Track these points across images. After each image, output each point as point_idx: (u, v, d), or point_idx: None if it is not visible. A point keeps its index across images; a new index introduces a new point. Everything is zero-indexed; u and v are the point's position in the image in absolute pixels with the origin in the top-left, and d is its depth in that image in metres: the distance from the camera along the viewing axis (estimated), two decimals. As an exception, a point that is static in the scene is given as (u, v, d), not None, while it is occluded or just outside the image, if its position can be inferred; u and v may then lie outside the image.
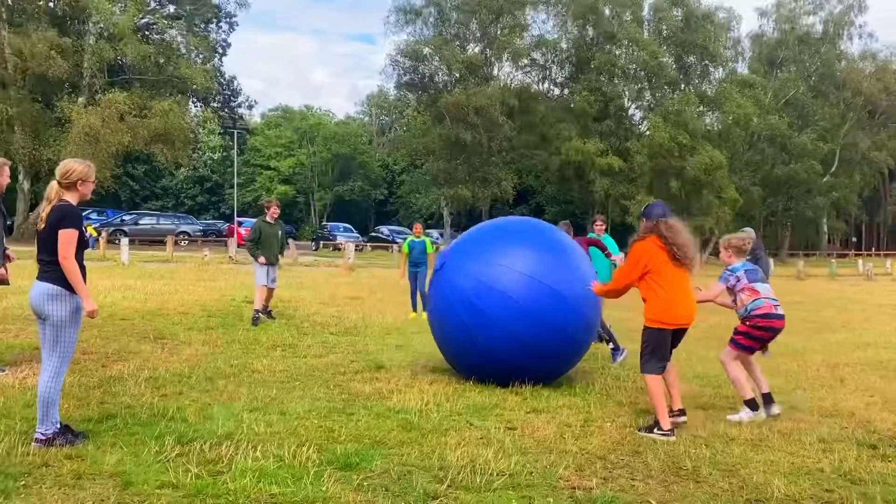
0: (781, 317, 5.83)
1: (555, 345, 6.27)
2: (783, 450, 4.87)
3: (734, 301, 5.94)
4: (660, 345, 5.32)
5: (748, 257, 9.22)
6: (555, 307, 6.17)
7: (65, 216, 4.39)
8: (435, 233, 46.41)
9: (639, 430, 5.20)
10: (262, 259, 10.05)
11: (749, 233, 9.35)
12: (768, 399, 5.81)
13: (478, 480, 4.07)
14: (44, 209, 4.50)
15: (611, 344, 8.17)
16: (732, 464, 4.55)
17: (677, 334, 5.46)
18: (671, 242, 5.26)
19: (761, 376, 5.98)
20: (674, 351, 5.57)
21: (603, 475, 4.28)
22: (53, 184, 4.48)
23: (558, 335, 6.24)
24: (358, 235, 45.07)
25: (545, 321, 6.13)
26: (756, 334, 5.83)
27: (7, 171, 6.35)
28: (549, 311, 6.14)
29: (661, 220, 5.37)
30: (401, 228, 50.86)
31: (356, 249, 30.28)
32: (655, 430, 5.12)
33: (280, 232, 10.44)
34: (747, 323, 5.81)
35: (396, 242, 38.31)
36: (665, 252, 5.28)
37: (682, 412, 5.54)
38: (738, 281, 5.91)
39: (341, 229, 45.66)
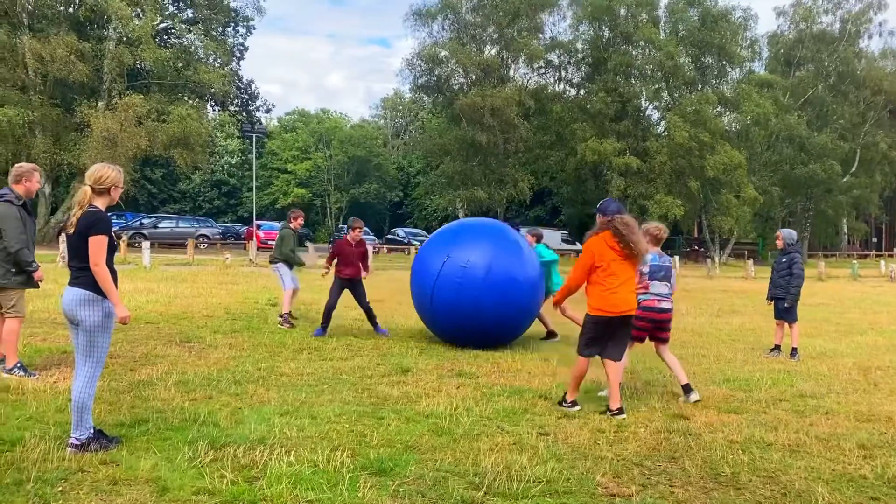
0: (663, 310, 6.38)
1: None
2: (823, 456, 4.78)
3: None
4: (599, 332, 5.66)
5: (784, 258, 9.12)
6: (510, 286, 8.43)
7: (95, 222, 4.38)
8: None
9: (558, 405, 5.81)
10: (304, 261, 10.58)
11: (786, 233, 9.22)
12: (688, 388, 6.28)
13: (514, 487, 4.02)
14: (74, 213, 4.49)
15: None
16: (772, 470, 4.47)
17: (622, 322, 5.71)
18: (627, 238, 5.53)
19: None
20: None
21: (641, 482, 4.22)
22: (86, 189, 4.46)
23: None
24: (375, 238, 45.10)
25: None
26: (639, 325, 6.23)
27: (37, 176, 6.40)
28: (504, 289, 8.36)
29: (616, 217, 5.62)
30: (416, 230, 50.89)
31: (373, 252, 30.31)
32: (562, 403, 5.80)
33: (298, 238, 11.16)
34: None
35: (413, 244, 38.34)
36: (615, 248, 5.57)
37: (573, 403, 5.85)
38: (643, 275, 6.25)
39: (358, 231, 45.66)
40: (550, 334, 10.09)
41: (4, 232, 6.15)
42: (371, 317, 9.76)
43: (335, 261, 9.66)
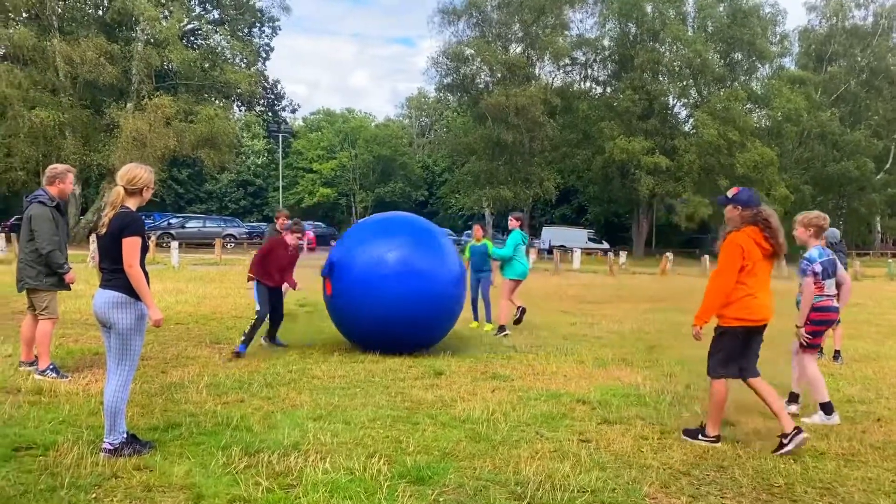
0: (836, 310, 5.81)
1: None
2: (880, 466, 4.56)
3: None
4: (735, 345, 4.85)
5: (828, 256, 8.83)
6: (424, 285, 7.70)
7: (128, 223, 4.30)
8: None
9: (682, 434, 5.05)
10: None
11: (829, 232, 8.92)
12: (793, 398, 5.96)
13: (558, 497, 3.87)
14: (106, 214, 4.41)
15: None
16: (828, 481, 4.27)
17: (759, 333, 4.94)
18: (776, 233, 4.74)
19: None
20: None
21: (690, 492, 4.04)
22: (119, 189, 4.39)
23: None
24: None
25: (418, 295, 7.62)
26: (816, 329, 5.79)
27: (71, 177, 6.38)
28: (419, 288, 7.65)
29: (763, 209, 4.81)
30: (443, 229, 50.73)
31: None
32: (700, 436, 4.93)
33: None
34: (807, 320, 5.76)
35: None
36: (761, 244, 4.76)
37: (716, 439, 4.93)
38: (816, 276, 5.75)
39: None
40: (501, 329, 10.05)
41: (36, 233, 6.13)
42: (275, 327, 8.45)
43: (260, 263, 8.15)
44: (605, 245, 45.57)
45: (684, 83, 43.77)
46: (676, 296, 17.79)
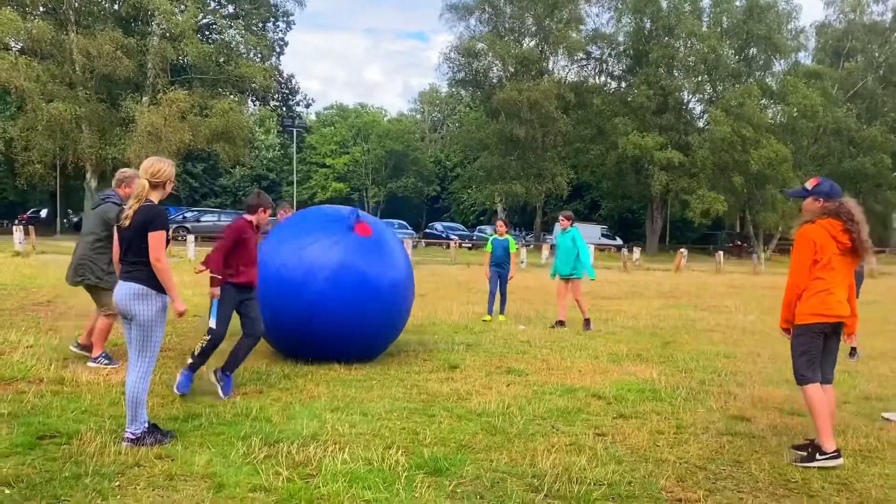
0: None
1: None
2: (897, 462, 4.56)
3: None
4: (814, 344, 4.50)
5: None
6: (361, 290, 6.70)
7: (154, 217, 4.37)
8: (489, 229, 46.27)
9: (794, 462, 4.44)
10: None
11: None
12: None
13: (575, 490, 3.90)
14: (130, 206, 4.47)
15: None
16: (845, 477, 4.27)
17: (835, 332, 4.59)
18: (860, 227, 4.43)
19: None
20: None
21: (707, 487, 4.06)
22: (143, 182, 4.45)
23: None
24: (413, 232, 45.13)
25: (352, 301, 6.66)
26: None
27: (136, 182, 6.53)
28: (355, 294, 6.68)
29: (846, 201, 4.52)
30: (454, 224, 50.80)
31: (412, 246, 30.33)
32: (818, 457, 4.38)
33: None
34: None
35: (451, 239, 38.25)
36: (837, 238, 4.45)
37: (837, 453, 4.45)
38: None
39: (396, 226, 45.80)
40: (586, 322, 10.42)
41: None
42: (243, 356, 5.91)
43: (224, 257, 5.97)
44: (619, 241, 45.44)
45: (699, 79, 43.52)
46: (691, 292, 17.75)
